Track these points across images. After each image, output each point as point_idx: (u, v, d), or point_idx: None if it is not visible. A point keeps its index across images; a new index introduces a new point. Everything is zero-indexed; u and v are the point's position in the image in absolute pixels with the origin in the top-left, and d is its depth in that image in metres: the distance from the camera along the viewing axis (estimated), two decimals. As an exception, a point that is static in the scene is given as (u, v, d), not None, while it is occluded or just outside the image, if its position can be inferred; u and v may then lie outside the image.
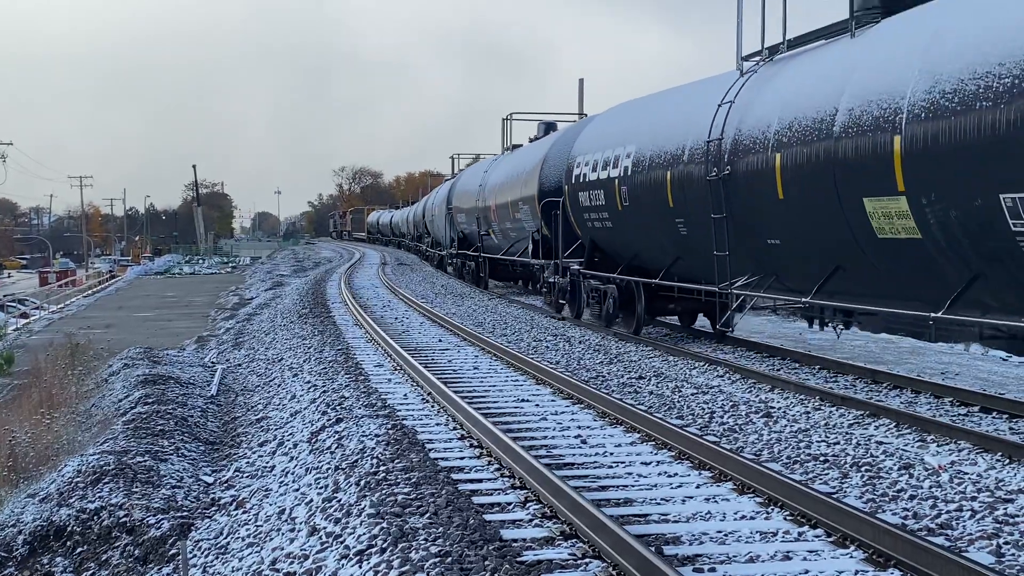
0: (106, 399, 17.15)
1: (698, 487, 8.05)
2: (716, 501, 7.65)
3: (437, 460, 8.93)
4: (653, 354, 16.21)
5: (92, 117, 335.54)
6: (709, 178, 14.47)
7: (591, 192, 19.70)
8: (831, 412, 11.11)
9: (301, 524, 8.15)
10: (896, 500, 7.66)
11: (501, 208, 29.79)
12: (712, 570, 6.17)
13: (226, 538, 9.03)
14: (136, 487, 10.54)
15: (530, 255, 26.27)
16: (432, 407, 11.72)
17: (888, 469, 8.55)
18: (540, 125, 32.58)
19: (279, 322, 24.85)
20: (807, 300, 12.78)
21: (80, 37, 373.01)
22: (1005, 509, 7.32)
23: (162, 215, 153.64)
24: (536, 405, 11.67)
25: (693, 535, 6.85)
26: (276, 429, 12.59)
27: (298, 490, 9.23)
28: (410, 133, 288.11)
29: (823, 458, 8.99)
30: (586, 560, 6.38)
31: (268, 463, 11.06)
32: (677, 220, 16.08)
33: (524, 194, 26.86)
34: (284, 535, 8.14)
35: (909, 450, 9.27)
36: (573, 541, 6.74)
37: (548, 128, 31.88)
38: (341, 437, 10.29)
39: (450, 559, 6.22)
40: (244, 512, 9.57)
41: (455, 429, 10.42)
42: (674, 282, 17.07)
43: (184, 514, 9.94)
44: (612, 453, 9.28)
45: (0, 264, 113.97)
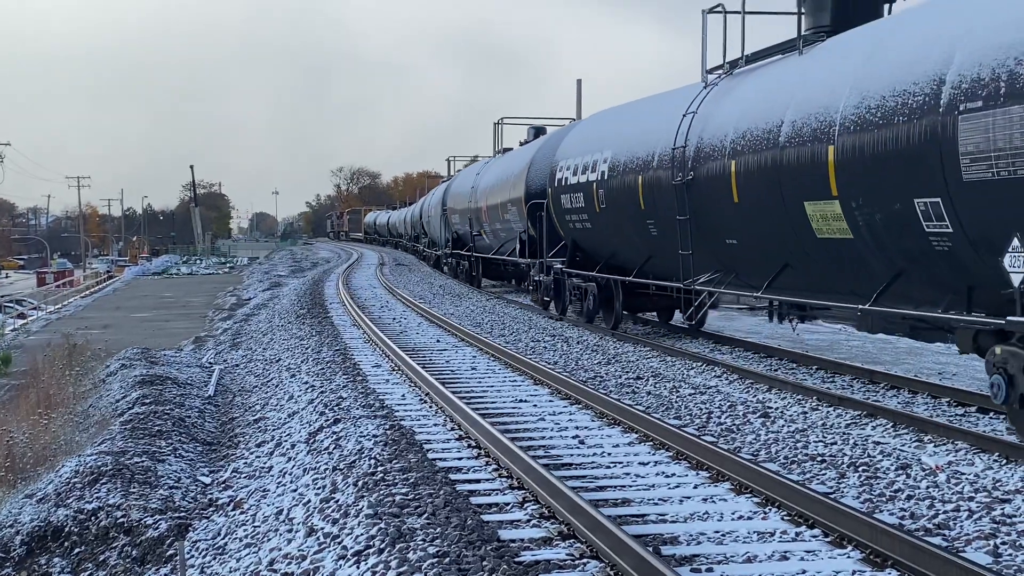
0: (104, 399, 17.14)
1: (696, 487, 8.06)
2: (714, 501, 7.66)
3: (435, 460, 8.94)
4: (651, 354, 16.22)
5: (90, 117, 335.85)
6: (675, 183, 15.47)
7: (572, 195, 20.69)
8: (828, 412, 11.12)
9: (299, 525, 8.15)
10: (893, 500, 7.67)
11: (492, 209, 30.66)
12: (709, 570, 6.18)
13: (224, 539, 9.03)
14: (134, 488, 10.53)
15: (518, 255, 27.09)
16: (430, 407, 11.73)
17: (885, 469, 8.56)
18: (530, 129, 33.42)
19: (277, 323, 24.84)
20: (758, 295, 13.91)
21: (78, 37, 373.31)
22: (1002, 509, 7.33)
23: (160, 215, 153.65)
24: (534, 405, 11.67)
25: (691, 535, 6.86)
26: (274, 430, 12.58)
27: (296, 491, 9.23)
28: (409, 134, 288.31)
29: (820, 458, 9.00)
30: (584, 560, 6.38)
31: (266, 464, 11.06)
32: (648, 221, 17.05)
33: (512, 196, 27.69)
34: (282, 536, 8.14)
35: (906, 450, 9.28)
36: (571, 541, 6.74)
37: (538, 132, 32.65)
38: (339, 438, 10.28)
39: (448, 559, 6.22)
40: (242, 513, 9.57)
41: (453, 430, 10.43)
42: (647, 280, 18.01)
43: (182, 515, 9.93)
44: (610, 453, 9.28)
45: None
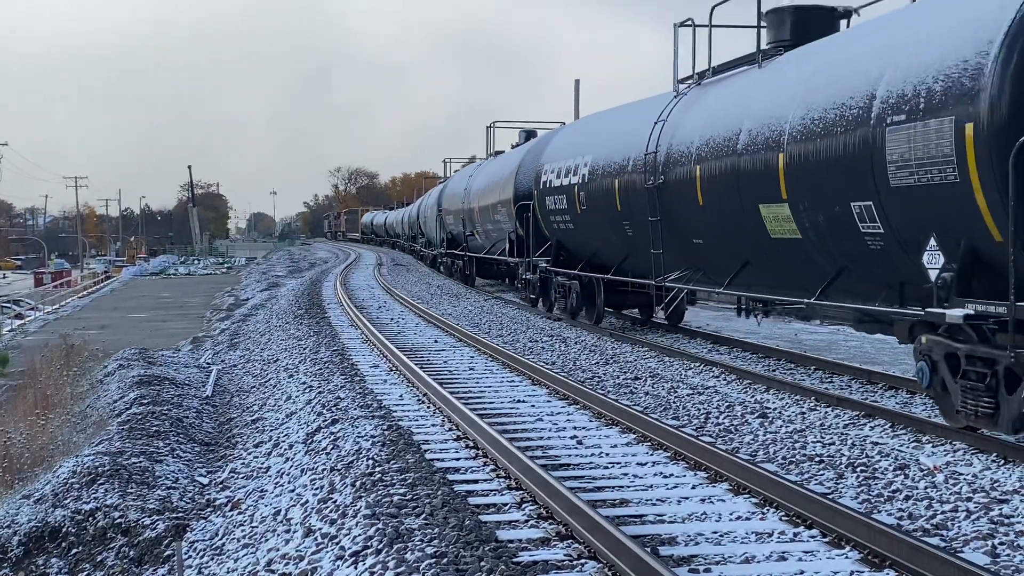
0: (101, 400, 17.14)
1: (694, 488, 8.05)
2: (712, 502, 7.65)
3: (433, 461, 8.93)
4: (649, 355, 16.22)
5: (87, 118, 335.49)
6: (647, 186, 16.41)
7: (556, 196, 21.74)
8: (826, 413, 11.12)
9: (297, 525, 8.14)
10: (892, 501, 7.67)
11: (483, 210, 31.65)
12: (707, 571, 6.18)
13: (221, 539, 9.02)
14: (131, 488, 10.51)
15: (507, 254, 27.93)
16: (428, 408, 11.72)
17: (884, 470, 8.56)
18: (521, 133, 34.32)
19: (275, 323, 24.84)
20: (720, 291, 14.99)
21: (76, 38, 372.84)
22: (1000, 510, 7.33)
23: (157, 216, 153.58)
24: (532, 406, 11.67)
25: (689, 536, 6.86)
26: (271, 430, 12.57)
27: (294, 491, 9.22)
28: (408, 134, 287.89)
29: (819, 459, 9.00)
30: (582, 561, 6.38)
31: (263, 464, 11.05)
32: (624, 222, 18.02)
33: (502, 198, 28.60)
34: (280, 536, 8.13)
35: (904, 451, 9.29)
36: (569, 542, 6.74)
37: (528, 136, 33.57)
38: (337, 438, 10.27)
39: (446, 560, 6.21)
40: (240, 513, 9.56)
41: (451, 430, 10.42)
42: (625, 277, 18.98)
43: (179, 515, 9.92)
44: (608, 454, 9.28)
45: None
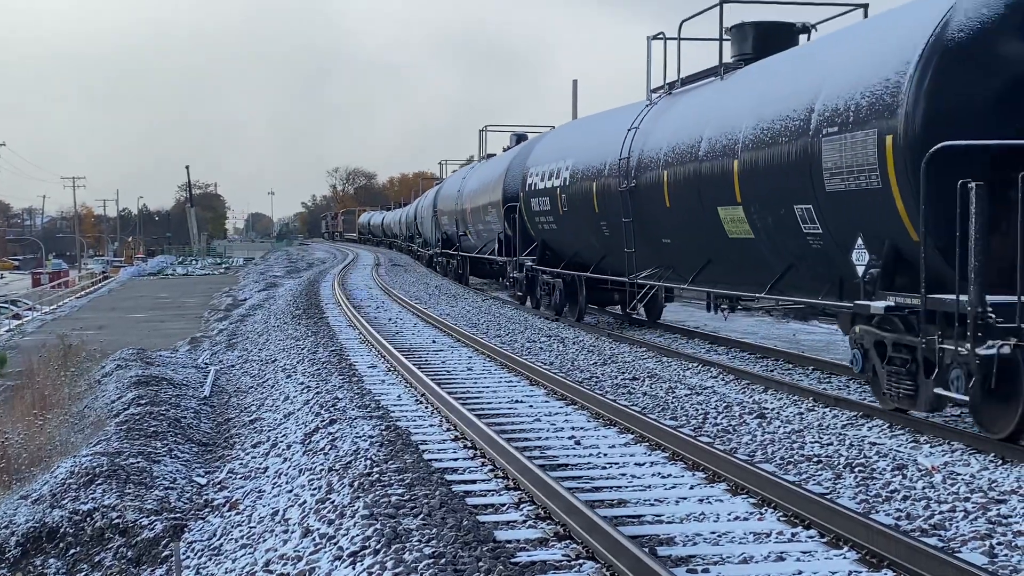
0: (99, 400, 17.12)
1: (692, 488, 8.05)
2: (710, 502, 7.65)
3: (431, 461, 8.92)
4: (647, 355, 16.22)
5: (86, 118, 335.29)
6: (621, 189, 17.46)
7: (540, 198, 22.84)
8: (824, 413, 11.13)
9: (294, 525, 8.13)
10: (889, 501, 7.67)
11: (475, 211, 32.62)
12: (706, 571, 6.18)
13: (219, 539, 9.01)
14: (129, 488, 10.51)
15: (497, 253, 28.93)
16: (426, 408, 11.72)
17: (881, 470, 8.56)
18: (512, 136, 35.20)
19: (273, 323, 24.82)
20: (685, 286, 16.19)
21: (74, 38, 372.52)
22: (998, 510, 7.33)
23: (155, 216, 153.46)
24: (530, 406, 11.67)
25: (687, 536, 6.86)
26: (269, 430, 12.56)
27: (292, 491, 9.21)
28: (407, 134, 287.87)
29: (817, 459, 9.00)
30: (580, 561, 6.38)
31: (261, 464, 11.04)
32: (601, 223, 19.09)
33: (492, 199, 29.54)
34: (277, 536, 8.12)
35: (902, 451, 9.29)
36: (567, 542, 6.73)
37: (519, 139, 34.41)
38: (335, 438, 10.26)
39: (444, 560, 6.21)
40: (237, 513, 9.55)
41: (449, 430, 10.42)
42: (604, 275, 19.89)
43: (177, 516, 9.91)
44: (606, 454, 9.28)
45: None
